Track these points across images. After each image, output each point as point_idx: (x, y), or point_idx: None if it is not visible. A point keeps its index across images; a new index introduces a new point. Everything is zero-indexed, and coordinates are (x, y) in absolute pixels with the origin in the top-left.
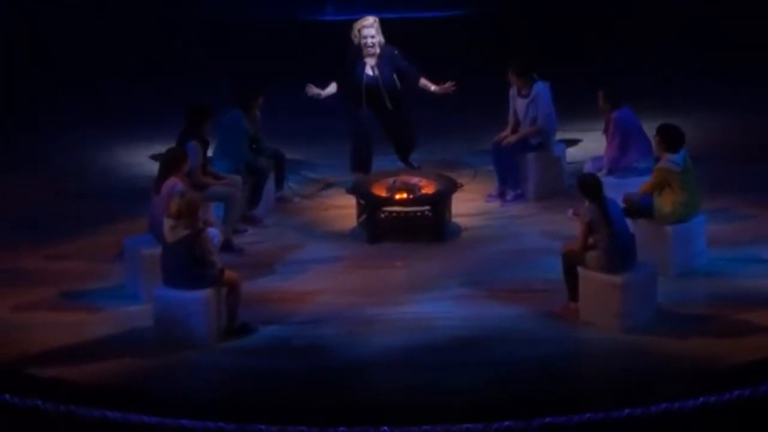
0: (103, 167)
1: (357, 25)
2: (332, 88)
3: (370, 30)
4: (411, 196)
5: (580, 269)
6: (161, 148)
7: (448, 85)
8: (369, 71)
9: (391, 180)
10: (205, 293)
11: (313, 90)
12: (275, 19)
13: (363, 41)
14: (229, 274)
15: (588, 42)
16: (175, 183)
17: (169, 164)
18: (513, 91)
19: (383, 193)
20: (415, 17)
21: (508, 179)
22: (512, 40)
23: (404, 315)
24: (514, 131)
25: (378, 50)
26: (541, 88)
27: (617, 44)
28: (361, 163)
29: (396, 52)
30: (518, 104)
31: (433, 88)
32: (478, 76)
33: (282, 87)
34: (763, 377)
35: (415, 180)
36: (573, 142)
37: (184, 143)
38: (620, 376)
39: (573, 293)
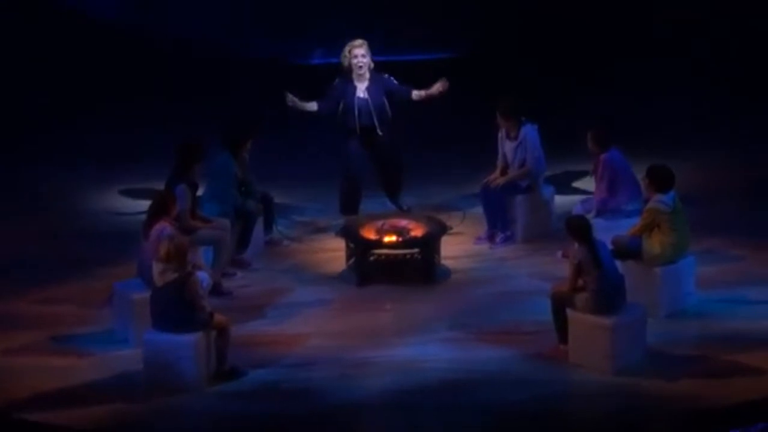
0: (92, 210)
1: (347, 47)
2: (312, 105)
3: (360, 50)
4: (400, 239)
5: (569, 311)
6: (148, 190)
7: (439, 84)
8: (360, 94)
9: (380, 223)
10: (194, 337)
11: (293, 98)
12: (264, 62)
13: (354, 61)
14: (218, 317)
15: (577, 81)
16: (163, 227)
17: (158, 208)
18: (502, 134)
19: (372, 236)
20: (403, 60)
21: (497, 222)
22: (501, 82)
23: (394, 358)
24: (502, 174)
25: (368, 72)
26: (529, 130)
27: (606, 84)
28: (350, 206)
29: (386, 75)
30: (507, 147)
31: (425, 93)
32: (466, 118)
33: (270, 129)
34: (753, 418)
35: (404, 223)
36: (563, 184)
37: (173, 186)
38: (610, 417)
39: (562, 335)
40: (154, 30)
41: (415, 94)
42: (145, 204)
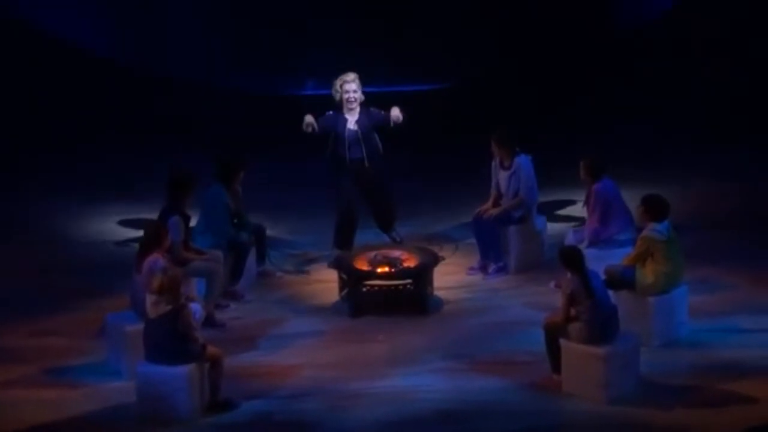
0: (81, 242)
1: (338, 81)
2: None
3: (351, 85)
4: (393, 270)
5: (562, 341)
6: (138, 220)
7: (395, 111)
8: (350, 126)
9: (372, 254)
10: (187, 369)
11: (311, 123)
12: (256, 93)
13: (345, 95)
14: (211, 349)
15: (572, 109)
16: (156, 259)
17: (150, 240)
18: (495, 163)
19: (365, 267)
20: (397, 91)
21: (490, 252)
22: (494, 113)
23: (387, 389)
24: (494, 203)
25: (358, 106)
26: (523, 161)
27: (601, 112)
28: (344, 241)
29: (371, 108)
30: (500, 176)
31: (392, 117)
32: (458, 149)
33: (262, 160)
34: None
35: (396, 254)
36: (554, 213)
37: (166, 218)
38: None
39: (556, 365)
40: (149, 64)
41: (390, 120)
42: (135, 235)
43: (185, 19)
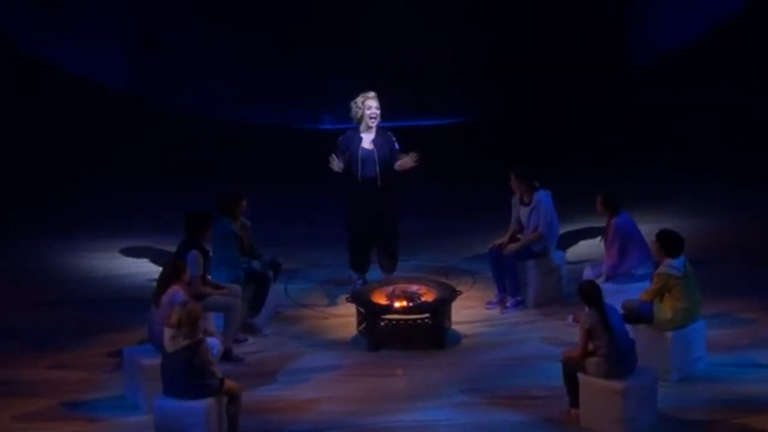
0: (100, 275)
1: (360, 98)
2: (342, 161)
3: (373, 101)
4: (410, 304)
5: (580, 375)
6: (150, 251)
7: (408, 157)
8: (365, 145)
9: (390, 288)
10: (205, 403)
11: (335, 161)
12: (272, 127)
13: (368, 112)
14: (229, 383)
15: (590, 145)
16: (175, 292)
17: (170, 275)
18: (515, 199)
19: (383, 301)
20: (414, 125)
21: (508, 286)
22: (512, 146)
23: (405, 423)
24: (512, 238)
25: (376, 126)
26: (542, 196)
27: (619, 147)
28: (360, 262)
29: (389, 133)
30: (521, 212)
31: (402, 161)
32: (474, 182)
33: (277, 194)
34: None
35: (414, 288)
36: (572, 247)
37: (185, 253)
38: None
39: (574, 399)
40: (161, 98)
41: (397, 165)
42: (148, 267)
43: (193, 50)
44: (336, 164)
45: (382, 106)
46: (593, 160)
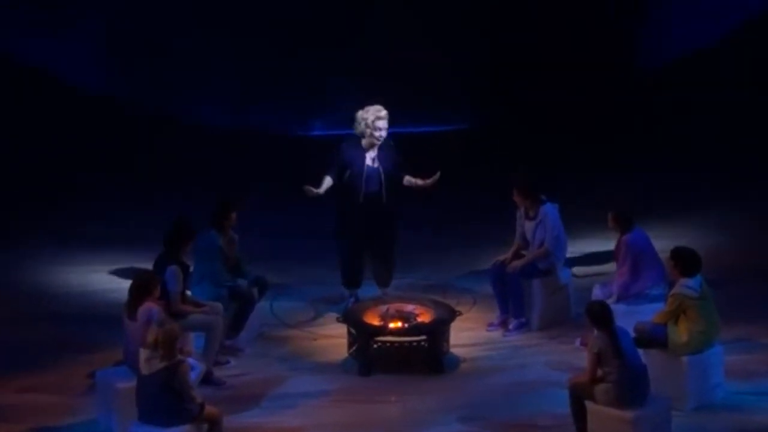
0: (77, 290)
1: (371, 115)
2: (328, 181)
3: (384, 122)
4: (406, 325)
5: (588, 403)
6: (130, 269)
7: (434, 177)
8: (369, 162)
9: (384, 307)
10: (184, 430)
11: (311, 191)
12: (264, 134)
13: (375, 133)
14: (209, 409)
15: (596, 153)
16: (151, 308)
17: (141, 289)
18: (520, 213)
19: (376, 322)
20: (411, 132)
21: (511, 306)
22: (513, 151)
23: None
24: (515, 254)
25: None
26: (549, 209)
27: (627, 156)
28: (353, 278)
29: (391, 142)
30: (526, 227)
31: (420, 182)
32: (475, 190)
33: (261, 208)
34: None
35: (410, 307)
36: (581, 265)
37: (163, 267)
38: None
39: (581, 429)
40: (150, 102)
41: (407, 180)
42: (127, 285)
43: (188, 53)
44: (314, 192)
45: (384, 105)
46: (600, 167)
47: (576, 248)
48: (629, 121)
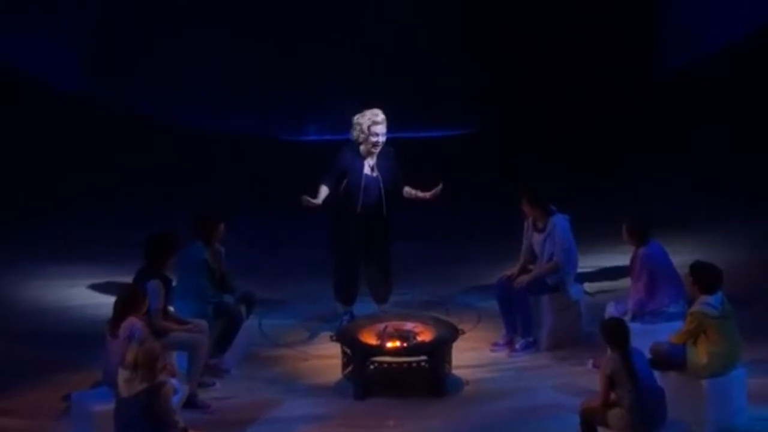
0: (46, 308)
1: (366, 120)
2: (324, 191)
3: (381, 127)
4: (405, 345)
5: (601, 429)
6: (111, 284)
7: (435, 190)
8: (367, 171)
9: (381, 325)
10: None
11: (309, 202)
12: (255, 138)
13: (372, 139)
14: None
15: (615, 162)
16: (133, 324)
17: (126, 305)
18: (528, 224)
19: (373, 341)
20: (410, 137)
21: (517, 325)
22: (519, 163)
23: None
24: (522, 269)
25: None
26: (559, 221)
27: (645, 167)
28: (347, 293)
29: (392, 149)
30: (534, 239)
31: (420, 194)
32: (479, 200)
33: (254, 216)
34: None
35: (409, 326)
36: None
37: (144, 282)
38: None
39: None
40: (132, 106)
41: (407, 191)
42: (108, 298)
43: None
44: (313, 204)
45: (382, 109)
46: (614, 175)
47: (588, 262)
48: (643, 126)
